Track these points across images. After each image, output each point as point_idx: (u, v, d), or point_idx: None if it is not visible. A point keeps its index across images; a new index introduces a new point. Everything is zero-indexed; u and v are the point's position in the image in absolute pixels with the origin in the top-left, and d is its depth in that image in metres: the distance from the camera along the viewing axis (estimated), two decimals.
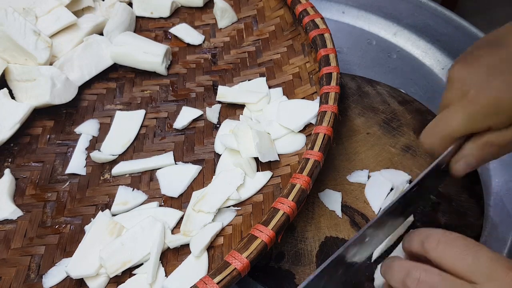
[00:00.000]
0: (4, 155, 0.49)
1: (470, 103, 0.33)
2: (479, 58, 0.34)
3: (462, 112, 0.33)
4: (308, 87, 0.49)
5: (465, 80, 0.34)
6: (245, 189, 0.42)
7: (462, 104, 0.33)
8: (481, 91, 0.32)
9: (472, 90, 0.33)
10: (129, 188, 0.45)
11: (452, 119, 0.34)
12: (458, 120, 0.33)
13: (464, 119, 0.33)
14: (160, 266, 0.39)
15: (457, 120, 0.34)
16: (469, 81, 0.33)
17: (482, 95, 0.32)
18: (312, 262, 0.41)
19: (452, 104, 0.34)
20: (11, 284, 0.40)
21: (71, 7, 0.57)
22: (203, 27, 0.60)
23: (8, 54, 0.50)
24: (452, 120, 0.34)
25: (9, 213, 0.44)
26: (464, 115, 0.33)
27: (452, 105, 0.34)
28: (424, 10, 0.62)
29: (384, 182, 0.45)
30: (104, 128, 0.51)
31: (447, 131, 0.34)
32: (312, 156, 0.39)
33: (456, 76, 0.35)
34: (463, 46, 0.59)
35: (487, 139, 0.34)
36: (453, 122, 0.34)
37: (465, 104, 0.33)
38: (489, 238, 0.44)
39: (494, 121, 0.33)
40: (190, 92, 0.54)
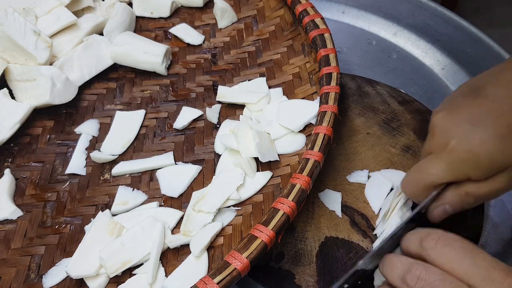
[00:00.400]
0: (4, 155, 0.49)
1: (450, 154, 0.34)
2: (461, 108, 0.35)
3: (442, 162, 0.34)
4: (308, 87, 0.49)
5: (447, 130, 0.34)
6: (245, 189, 0.42)
7: (443, 154, 0.34)
8: (461, 143, 0.33)
9: (452, 141, 0.33)
10: (129, 188, 0.45)
11: (432, 168, 0.35)
12: (439, 169, 0.34)
13: (444, 169, 0.34)
14: (160, 266, 0.39)
15: (437, 169, 0.34)
16: (450, 131, 0.34)
17: (461, 147, 0.33)
18: (312, 262, 0.41)
19: (433, 152, 0.35)
20: (11, 284, 0.40)
21: (71, 7, 0.57)
22: (203, 27, 0.60)
23: (8, 54, 0.50)
24: (432, 169, 0.35)
25: (9, 213, 0.44)
26: (444, 165, 0.34)
27: (434, 154, 0.35)
28: (424, 10, 0.62)
29: (384, 182, 0.45)
30: (104, 128, 0.51)
31: (428, 180, 0.35)
32: (312, 156, 0.39)
33: (438, 125, 0.35)
34: (463, 46, 0.59)
35: (465, 190, 0.34)
36: (433, 170, 0.35)
37: (445, 155, 0.34)
38: (489, 238, 0.44)
39: (472, 173, 0.33)
40: (190, 92, 0.54)
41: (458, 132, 0.33)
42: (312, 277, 0.40)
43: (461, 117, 0.34)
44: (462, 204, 0.35)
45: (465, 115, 0.34)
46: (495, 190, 0.34)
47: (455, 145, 0.33)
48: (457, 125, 0.34)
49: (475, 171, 0.33)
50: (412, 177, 0.37)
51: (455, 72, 0.59)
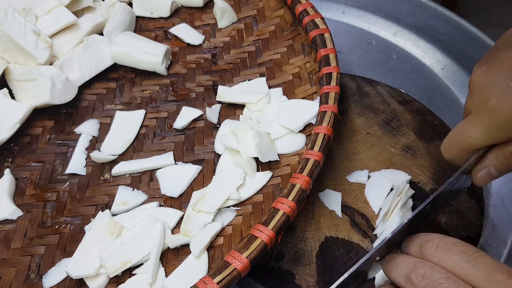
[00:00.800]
0: (4, 155, 0.49)
1: (490, 113, 0.31)
2: (501, 62, 0.32)
3: (482, 123, 0.32)
4: (308, 87, 0.49)
5: (486, 87, 0.32)
6: (245, 189, 0.42)
7: (482, 115, 0.32)
8: (501, 101, 0.31)
9: (492, 99, 0.31)
10: (129, 188, 0.45)
11: (472, 131, 0.33)
12: (478, 131, 0.32)
13: (484, 131, 0.32)
14: (160, 266, 0.39)
15: (477, 131, 0.32)
16: (489, 89, 0.32)
17: (502, 105, 0.31)
18: (312, 262, 0.41)
19: (473, 112, 0.33)
20: (11, 284, 0.40)
21: (71, 7, 0.57)
22: (203, 27, 0.60)
23: (8, 54, 0.50)
24: (472, 131, 0.33)
25: (9, 213, 0.44)
26: (484, 127, 0.32)
27: (473, 114, 0.33)
28: (424, 10, 0.62)
29: (384, 182, 0.45)
30: (104, 128, 0.51)
31: (467, 143, 0.33)
32: (312, 156, 0.39)
33: (477, 82, 0.33)
34: (463, 46, 0.59)
35: (510, 150, 0.32)
36: (473, 133, 0.32)
37: (484, 115, 0.32)
38: (489, 238, 0.44)
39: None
40: (190, 92, 0.54)
41: (498, 89, 0.31)
42: (312, 277, 0.40)
43: (501, 72, 0.32)
44: (507, 166, 0.33)
45: (505, 70, 0.32)
46: None
47: (495, 104, 0.31)
48: (497, 82, 0.31)
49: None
50: (451, 139, 0.35)
51: (455, 72, 0.59)
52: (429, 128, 0.50)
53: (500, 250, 0.44)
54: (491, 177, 0.34)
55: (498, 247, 0.44)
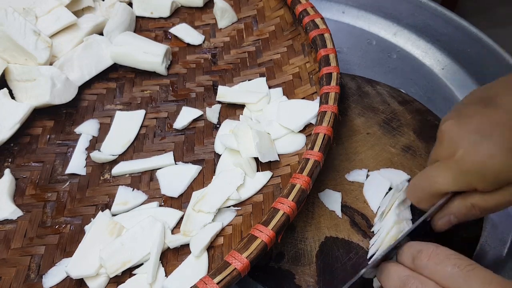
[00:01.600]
0: (4, 155, 0.49)
1: (457, 164, 0.33)
2: (470, 116, 0.34)
3: (449, 171, 0.34)
4: (308, 87, 0.49)
5: (455, 139, 0.34)
6: (245, 189, 0.42)
7: (449, 164, 0.34)
8: (468, 154, 0.33)
9: (460, 150, 0.33)
10: (129, 188, 0.45)
11: (438, 176, 0.34)
12: (444, 178, 0.34)
13: (450, 178, 0.34)
14: (160, 266, 0.39)
15: (442, 178, 0.34)
16: (458, 141, 0.34)
17: (469, 158, 0.33)
18: (312, 262, 0.41)
19: (440, 160, 0.35)
20: (11, 284, 0.40)
21: (71, 7, 0.57)
22: (203, 27, 0.60)
23: (8, 54, 0.50)
24: (438, 177, 0.34)
25: (9, 213, 0.44)
26: (450, 174, 0.34)
27: (441, 162, 0.35)
28: (424, 10, 0.62)
29: (382, 181, 0.45)
30: (104, 128, 0.51)
31: (433, 188, 0.35)
32: (312, 156, 0.39)
33: (446, 133, 0.35)
34: (463, 46, 0.59)
35: (471, 201, 0.34)
36: (438, 179, 0.34)
37: (452, 164, 0.34)
38: (489, 238, 0.44)
39: (479, 184, 0.33)
40: (190, 92, 0.54)
41: (466, 142, 0.33)
42: (312, 277, 0.40)
43: (470, 126, 0.34)
44: (468, 215, 0.35)
45: (474, 125, 0.33)
46: (502, 203, 0.33)
47: (462, 156, 0.33)
48: (466, 134, 0.33)
49: (482, 183, 0.33)
50: (417, 184, 0.37)
51: (455, 72, 0.59)
52: (429, 128, 0.50)
53: (500, 250, 0.44)
54: (450, 224, 0.36)
55: (498, 247, 0.44)
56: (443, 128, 0.35)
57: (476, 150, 0.32)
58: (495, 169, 0.32)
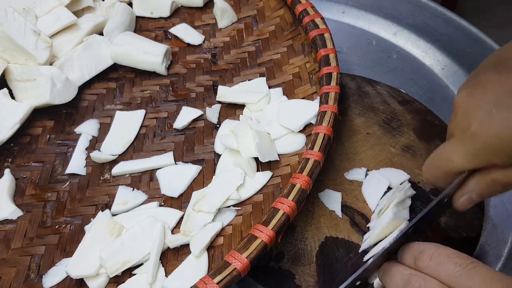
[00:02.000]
0: (4, 155, 0.49)
1: (472, 138, 0.31)
2: (484, 85, 0.31)
3: (463, 148, 0.31)
4: (308, 87, 0.49)
5: (469, 111, 0.31)
6: (245, 189, 0.42)
7: (464, 139, 0.31)
8: (483, 126, 0.30)
9: (474, 123, 0.30)
10: (129, 188, 0.45)
11: (453, 154, 0.32)
12: (459, 155, 0.32)
13: (465, 155, 0.31)
14: (160, 266, 0.39)
15: (458, 155, 0.32)
16: (472, 113, 0.31)
17: (484, 130, 0.30)
18: (312, 262, 0.41)
19: (455, 135, 0.32)
20: (11, 284, 0.40)
21: (71, 7, 0.57)
22: (203, 27, 0.60)
23: (8, 54, 0.50)
24: (453, 155, 0.32)
25: (9, 213, 0.44)
26: (465, 152, 0.31)
27: (455, 137, 0.32)
28: (424, 10, 0.62)
29: (381, 180, 0.45)
30: (104, 128, 0.51)
31: (448, 166, 0.33)
32: (312, 156, 0.39)
33: (460, 105, 0.32)
34: (463, 46, 0.59)
35: (492, 177, 0.32)
36: (454, 157, 0.32)
37: (466, 139, 0.31)
38: (489, 238, 0.44)
39: (497, 158, 0.30)
40: (190, 92, 0.54)
41: (481, 113, 0.30)
42: (312, 277, 0.40)
43: (484, 96, 0.31)
44: (490, 192, 0.33)
45: (488, 94, 0.31)
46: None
47: (477, 129, 0.30)
48: (480, 105, 0.31)
49: (499, 157, 0.30)
50: (432, 162, 0.35)
51: (455, 72, 0.59)
52: (429, 128, 0.50)
53: (500, 250, 0.44)
54: (472, 202, 0.34)
55: (498, 247, 0.44)
56: (457, 100, 0.33)
57: (491, 120, 0.30)
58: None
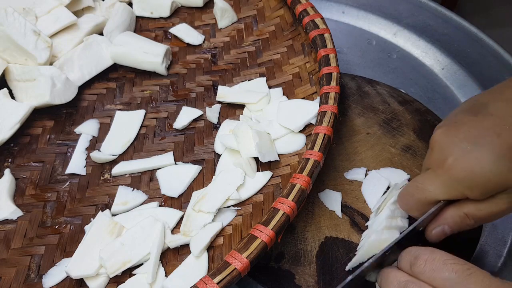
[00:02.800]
0: (4, 155, 0.49)
1: (447, 172, 0.33)
2: (461, 125, 0.34)
3: (439, 179, 0.34)
4: (308, 87, 0.49)
5: (445, 147, 0.34)
6: (245, 189, 0.42)
7: (439, 172, 0.34)
8: (457, 162, 0.32)
9: (450, 158, 0.33)
10: (129, 188, 0.45)
11: (428, 184, 0.34)
12: (435, 186, 0.34)
13: (440, 187, 0.34)
14: (160, 266, 0.39)
15: (432, 185, 0.34)
16: (448, 149, 0.33)
17: (458, 165, 0.32)
18: (312, 262, 0.41)
19: (431, 169, 0.35)
20: (11, 284, 0.40)
21: (71, 7, 0.57)
22: (203, 27, 0.60)
23: (8, 54, 0.50)
24: (428, 185, 0.34)
25: (9, 213, 0.44)
26: (440, 182, 0.34)
27: (431, 169, 0.35)
28: (424, 10, 0.62)
29: (380, 179, 0.45)
30: (104, 128, 0.51)
31: (424, 196, 0.35)
32: (312, 156, 0.39)
33: (437, 141, 0.35)
34: (463, 46, 0.59)
35: (464, 210, 0.34)
36: (428, 187, 0.34)
37: (442, 172, 0.33)
38: (489, 238, 0.44)
39: (469, 192, 0.33)
40: (190, 92, 0.54)
41: (456, 149, 0.33)
42: (312, 277, 0.40)
43: (460, 134, 0.33)
44: (461, 225, 0.35)
45: (464, 133, 0.33)
46: (496, 211, 0.33)
47: (452, 163, 0.33)
48: (456, 142, 0.33)
49: (472, 190, 0.32)
50: (408, 191, 0.37)
51: (455, 72, 0.59)
52: (429, 128, 0.50)
53: (500, 250, 0.44)
54: (444, 234, 0.36)
55: (498, 247, 0.44)
56: (434, 137, 0.35)
57: (465, 157, 0.32)
58: (484, 176, 0.31)
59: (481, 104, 0.34)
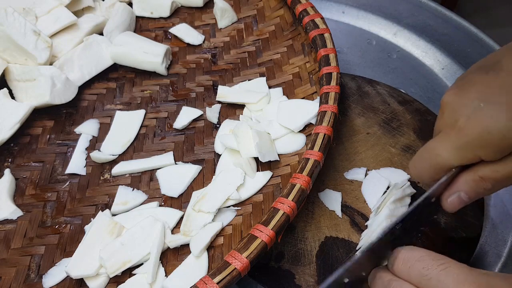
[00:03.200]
0: (4, 155, 0.49)
1: (459, 133, 0.31)
2: (471, 84, 0.32)
3: (450, 142, 0.32)
4: (308, 87, 0.49)
5: (456, 108, 0.32)
6: (245, 189, 0.42)
7: (451, 134, 0.32)
8: (470, 121, 0.31)
9: (461, 118, 0.31)
10: (129, 188, 0.45)
11: (440, 148, 0.32)
12: (447, 150, 0.32)
13: (452, 150, 0.32)
14: (160, 266, 0.39)
15: (445, 150, 0.32)
16: (459, 109, 0.32)
17: (470, 125, 0.31)
18: (312, 262, 0.41)
19: (442, 132, 0.33)
20: (11, 284, 0.40)
21: (71, 7, 0.57)
22: (203, 27, 0.60)
23: (8, 54, 0.50)
24: (440, 149, 0.32)
25: (9, 213, 0.44)
26: (452, 146, 0.32)
27: (442, 133, 0.33)
28: (424, 10, 0.62)
29: (380, 179, 0.45)
30: (104, 128, 0.51)
31: (436, 161, 0.33)
32: (312, 156, 0.39)
33: (447, 103, 0.33)
34: (463, 46, 0.59)
35: (480, 174, 0.32)
36: (441, 151, 0.32)
37: (453, 134, 0.32)
38: (489, 238, 0.44)
39: (483, 153, 0.31)
40: (190, 92, 0.54)
41: (468, 109, 0.31)
42: (312, 277, 0.40)
43: (471, 94, 0.31)
44: (478, 190, 0.32)
45: (475, 92, 0.31)
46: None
47: (464, 123, 0.31)
48: (467, 102, 0.31)
49: (486, 150, 0.30)
50: (419, 157, 0.35)
51: (455, 72, 0.59)
52: (429, 128, 0.50)
53: (500, 250, 0.44)
54: (461, 202, 0.34)
55: (498, 247, 0.44)
56: (445, 98, 0.33)
57: (478, 116, 0.30)
58: (499, 132, 0.29)
59: (493, 62, 0.33)
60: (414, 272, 0.29)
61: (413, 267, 0.29)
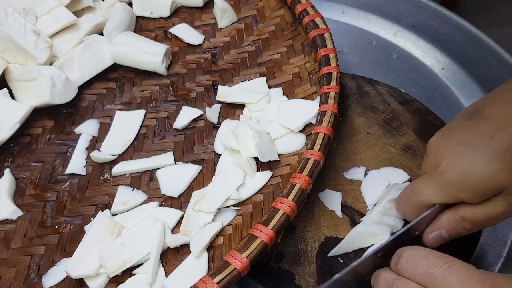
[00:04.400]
0: (4, 155, 0.49)
1: (440, 175, 0.33)
2: (455, 129, 0.35)
3: (433, 183, 0.34)
4: (308, 87, 0.49)
5: (439, 151, 0.34)
6: (245, 189, 0.42)
7: (433, 175, 0.34)
8: (450, 165, 0.33)
9: (443, 161, 0.33)
10: (129, 188, 0.45)
11: (423, 188, 0.35)
12: (430, 190, 0.34)
13: (435, 190, 0.34)
14: (160, 266, 0.39)
15: (428, 190, 0.34)
16: (442, 152, 0.34)
17: (450, 168, 0.33)
18: (312, 262, 0.41)
19: (426, 173, 0.35)
20: (11, 284, 0.40)
21: (71, 7, 0.57)
22: (203, 27, 0.60)
23: (8, 54, 0.50)
24: (423, 189, 0.35)
25: (9, 213, 0.44)
26: (435, 186, 0.34)
27: (426, 174, 0.35)
28: (424, 10, 0.62)
29: (380, 179, 0.45)
30: (104, 128, 0.51)
31: (420, 200, 0.35)
32: (312, 156, 0.39)
33: (432, 145, 0.35)
34: (463, 46, 0.59)
35: (461, 214, 0.34)
36: (425, 191, 0.34)
37: (436, 176, 0.34)
38: (489, 238, 0.44)
39: (463, 195, 0.33)
40: (190, 92, 0.54)
41: (449, 153, 0.33)
42: (312, 277, 0.40)
43: (453, 138, 0.34)
44: (458, 229, 0.34)
45: (457, 136, 0.34)
46: (493, 214, 0.33)
47: (445, 166, 0.33)
48: (449, 146, 0.34)
49: (466, 193, 0.32)
50: (404, 195, 0.37)
51: (455, 72, 0.59)
52: (429, 128, 0.50)
53: (500, 250, 0.44)
54: (442, 240, 0.35)
55: (498, 247, 0.44)
56: (430, 142, 0.36)
57: (458, 159, 0.32)
58: (477, 177, 0.31)
59: (476, 109, 0.35)
60: (419, 270, 0.29)
61: (418, 265, 0.29)
